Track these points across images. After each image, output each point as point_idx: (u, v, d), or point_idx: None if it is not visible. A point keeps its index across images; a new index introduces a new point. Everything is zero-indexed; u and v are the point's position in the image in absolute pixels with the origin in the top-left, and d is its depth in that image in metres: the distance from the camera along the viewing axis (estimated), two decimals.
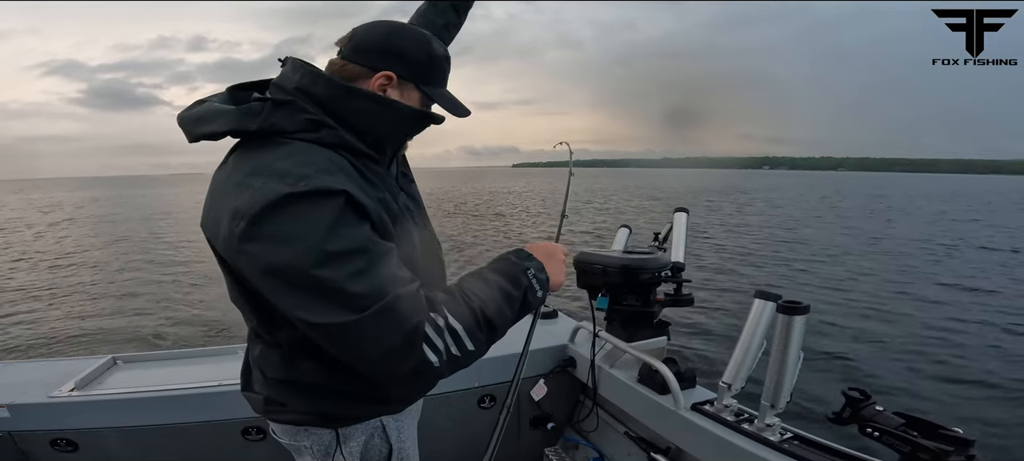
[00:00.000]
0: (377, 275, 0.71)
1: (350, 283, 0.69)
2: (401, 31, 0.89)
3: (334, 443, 0.94)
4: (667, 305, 1.76)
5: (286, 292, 0.71)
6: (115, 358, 1.99)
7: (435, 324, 0.75)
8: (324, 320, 0.70)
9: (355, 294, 0.69)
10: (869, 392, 1.15)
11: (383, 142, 0.88)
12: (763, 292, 1.38)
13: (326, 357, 0.83)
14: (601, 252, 1.79)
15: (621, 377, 1.73)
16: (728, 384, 1.40)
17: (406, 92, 0.88)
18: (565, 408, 2.05)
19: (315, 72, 0.82)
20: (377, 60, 0.86)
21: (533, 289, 0.87)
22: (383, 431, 0.98)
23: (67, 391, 1.68)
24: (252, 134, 0.78)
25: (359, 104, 0.82)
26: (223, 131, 0.78)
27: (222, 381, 1.71)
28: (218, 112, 0.79)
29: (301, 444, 0.96)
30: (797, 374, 1.24)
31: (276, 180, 0.70)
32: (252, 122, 0.78)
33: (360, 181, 0.78)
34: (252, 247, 0.70)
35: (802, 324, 1.21)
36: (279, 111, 0.79)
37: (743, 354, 1.39)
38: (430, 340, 0.74)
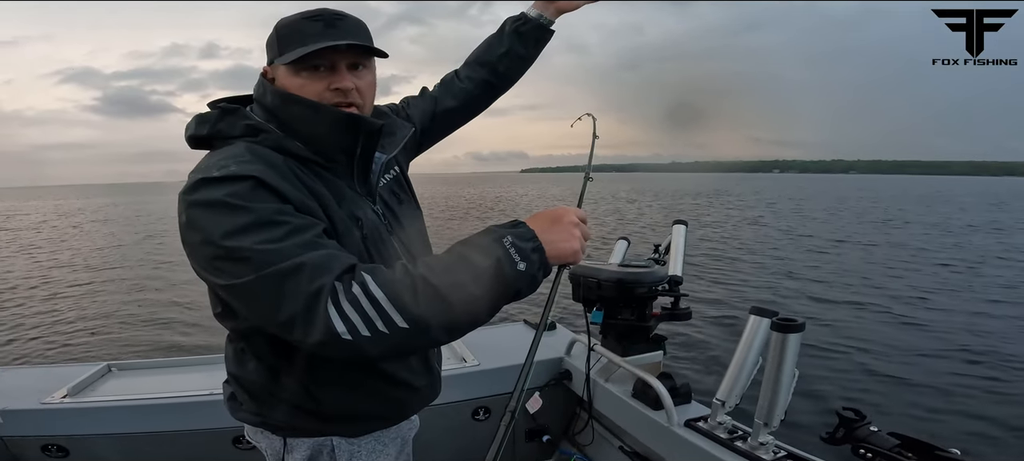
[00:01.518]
0: (285, 242, 0.70)
1: (256, 247, 0.69)
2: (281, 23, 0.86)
3: (282, 451, 0.93)
4: (663, 319, 1.75)
5: (203, 264, 0.74)
6: (110, 365, 2.00)
7: (348, 292, 0.66)
8: (228, 281, 0.71)
9: (258, 253, 0.68)
10: (863, 412, 1.14)
11: (328, 149, 0.86)
12: (759, 308, 1.37)
13: (269, 359, 0.86)
14: (596, 265, 1.78)
15: (616, 391, 1.72)
16: (722, 401, 1.39)
17: (279, 76, 0.86)
18: (561, 421, 2.03)
19: (265, 84, 0.88)
20: (268, 54, 0.89)
21: (511, 260, 0.70)
22: (331, 451, 0.92)
23: (59, 398, 1.69)
24: (204, 140, 0.86)
25: (294, 110, 0.85)
26: (187, 137, 0.87)
27: (213, 389, 1.71)
28: (193, 120, 0.88)
29: (259, 444, 0.96)
30: (792, 392, 1.23)
31: (199, 173, 0.76)
32: (203, 128, 0.86)
33: (289, 176, 0.79)
34: (183, 232, 0.75)
35: (796, 342, 1.19)
36: (224, 119, 0.85)
37: (737, 371, 1.37)
38: (340, 308, 0.66)
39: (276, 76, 0.87)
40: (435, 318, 0.68)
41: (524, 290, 0.72)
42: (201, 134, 0.85)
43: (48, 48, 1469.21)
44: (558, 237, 0.75)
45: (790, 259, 10.44)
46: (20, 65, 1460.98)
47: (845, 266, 9.76)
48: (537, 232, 0.73)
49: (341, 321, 0.66)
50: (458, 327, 0.71)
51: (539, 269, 0.73)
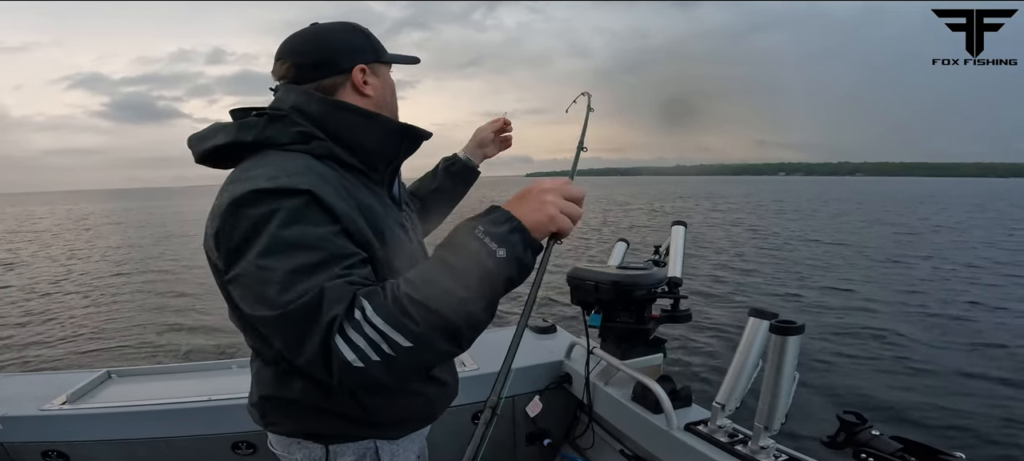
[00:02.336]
0: (318, 272, 0.68)
1: (287, 276, 0.67)
2: (330, 29, 0.91)
3: (325, 459, 0.93)
4: (663, 321, 1.73)
5: (238, 281, 0.72)
6: (110, 372, 2.01)
7: (353, 320, 0.65)
8: (255, 312, 0.69)
9: (286, 286, 0.66)
10: (865, 416, 1.12)
11: (373, 158, 0.89)
12: (758, 310, 1.35)
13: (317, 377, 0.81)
14: (594, 268, 1.77)
15: (615, 395, 1.70)
16: (722, 404, 1.37)
17: (380, 73, 0.93)
18: (561, 424, 2.02)
19: (308, 91, 0.86)
20: (339, 61, 0.89)
21: (488, 250, 0.66)
22: (375, 453, 0.95)
23: (59, 404, 1.70)
24: (248, 147, 0.83)
25: (347, 118, 0.86)
26: (223, 143, 0.84)
27: (212, 395, 1.72)
28: (219, 128, 0.86)
29: (293, 457, 0.96)
30: (792, 395, 1.21)
31: (248, 182, 0.73)
32: (248, 134, 0.83)
33: (338, 187, 0.79)
34: (219, 240, 0.73)
35: (796, 344, 1.17)
36: (273, 125, 0.83)
37: (737, 374, 1.35)
38: (348, 338, 0.64)
39: (377, 67, 0.93)
40: (434, 331, 0.65)
41: (515, 276, 0.68)
42: (244, 140, 0.83)
43: (58, 54, 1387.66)
44: (529, 208, 0.70)
45: (792, 261, 10.37)
46: (30, 71, 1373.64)
47: (847, 267, 9.68)
48: (512, 211, 0.69)
49: (351, 351, 0.64)
50: (459, 334, 0.67)
51: (525, 249, 0.68)
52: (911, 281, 8.51)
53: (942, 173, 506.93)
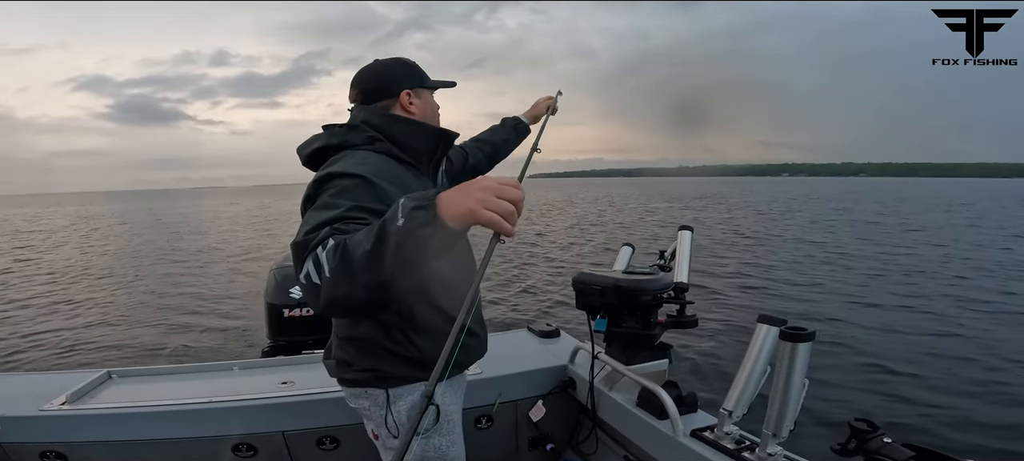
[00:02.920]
0: (332, 224, 0.91)
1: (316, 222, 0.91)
2: (386, 64, 1.28)
3: (386, 403, 1.19)
4: (669, 327, 1.72)
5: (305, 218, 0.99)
6: (110, 372, 1.99)
7: (315, 253, 0.85)
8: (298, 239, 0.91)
9: (311, 227, 0.90)
10: (877, 423, 1.10)
11: (419, 154, 1.22)
12: (766, 316, 1.34)
13: (380, 317, 1.14)
14: (600, 272, 1.76)
15: (620, 400, 1.69)
16: (729, 411, 1.35)
17: (422, 95, 1.27)
18: (565, 429, 2.00)
19: (372, 109, 1.22)
20: (391, 88, 1.24)
21: (393, 217, 0.78)
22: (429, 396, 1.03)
23: (58, 404, 1.69)
24: (334, 148, 1.15)
25: (401, 126, 1.20)
26: (319, 147, 1.17)
27: (213, 397, 1.70)
28: (316, 137, 1.19)
29: (362, 404, 1.23)
30: (801, 402, 1.19)
31: (327, 167, 1.08)
32: (334, 139, 1.17)
33: (391, 174, 1.09)
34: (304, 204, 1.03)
35: (806, 351, 1.16)
36: (350, 133, 1.17)
37: (745, 380, 1.34)
38: (308, 263, 0.84)
39: (421, 92, 1.26)
40: (340, 270, 0.80)
41: (405, 243, 0.77)
42: (331, 144, 1.15)
43: (62, 56, 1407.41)
44: (456, 197, 0.77)
45: (799, 264, 10.26)
46: (35, 73, 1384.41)
47: (858, 271, 9.53)
48: (442, 196, 0.78)
49: (305, 270, 0.84)
50: (365, 283, 0.79)
51: (421, 225, 0.76)
52: (924, 284, 8.34)
53: (946, 173, 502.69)
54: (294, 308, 2.70)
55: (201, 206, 50.19)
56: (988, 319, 6.33)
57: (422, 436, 1.20)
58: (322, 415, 1.74)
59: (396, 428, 1.20)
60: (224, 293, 8.58)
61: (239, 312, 6.93)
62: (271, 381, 1.88)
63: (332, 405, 1.73)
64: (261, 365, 2.10)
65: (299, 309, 2.70)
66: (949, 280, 8.80)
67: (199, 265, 11.87)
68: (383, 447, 1.27)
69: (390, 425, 1.20)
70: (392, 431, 1.20)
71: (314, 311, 0.98)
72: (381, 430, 1.23)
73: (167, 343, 5.96)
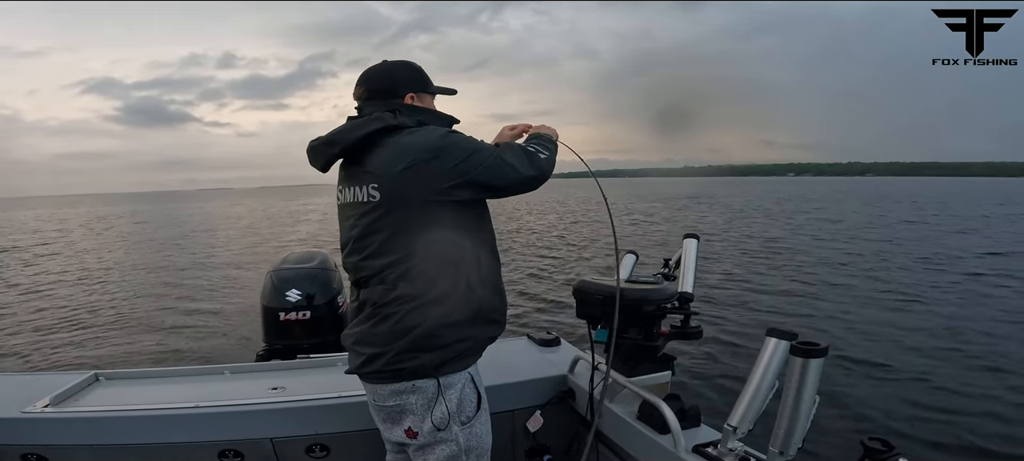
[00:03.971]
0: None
1: (496, 151, 1.26)
2: (394, 66, 1.37)
3: (437, 394, 1.22)
4: (673, 338, 1.66)
5: (483, 165, 1.22)
6: (97, 374, 1.95)
7: (536, 152, 1.34)
8: (506, 175, 1.24)
9: (491, 152, 1.25)
10: (891, 442, 1.05)
11: None
12: (776, 330, 1.28)
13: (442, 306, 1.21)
14: (602, 281, 1.71)
15: (620, 413, 1.64)
16: (733, 426, 1.29)
17: (425, 99, 1.37)
18: (563, 441, 1.95)
19: (402, 104, 1.32)
20: (397, 89, 1.34)
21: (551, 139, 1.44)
22: (471, 380, 1.29)
23: (41, 407, 1.65)
24: (392, 128, 1.24)
25: (426, 115, 1.33)
26: (379, 128, 1.22)
27: (200, 402, 1.66)
28: (370, 120, 1.24)
29: (405, 401, 1.23)
30: (811, 420, 1.14)
31: (429, 133, 1.23)
32: (394, 121, 1.24)
33: None
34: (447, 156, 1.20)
35: (818, 368, 1.10)
36: (404, 114, 1.28)
37: (752, 395, 1.28)
38: (539, 153, 1.33)
39: (423, 96, 1.36)
40: (553, 156, 1.38)
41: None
42: (388, 124, 1.23)
43: (71, 58, 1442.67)
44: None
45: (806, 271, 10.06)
46: (44, 75, 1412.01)
47: (869, 280, 9.32)
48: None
49: (545, 153, 1.33)
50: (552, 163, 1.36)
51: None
52: (942, 293, 8.05)
53: (953, 173, 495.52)
54: (290, 311, 2.65)
55: (207, 207, 50.36)
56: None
57: (466, 425, 1.26)
58: (312, 422, 1.69)
59: (444, 420, 1.23)
60: (221, 295, 8.55)
61: (235, 315, 6.88)
62: (261, 386, 1.84)
63: (323, 412, 1.68)
64: (252, 369, 2.05)
65: (295, 312, 2.66)
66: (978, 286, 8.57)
67: (198, 267, 11.86)
68: (420, 446, 1.26)
69: (437, 419, 1.22)
70: (439, 425, 1.22)
71: (543, 172, 1.30)
72: (424, 425, 1.23)
73: (161, 345, 5.92)
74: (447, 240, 1.21)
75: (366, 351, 1.23)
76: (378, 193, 1.21)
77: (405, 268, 1.19)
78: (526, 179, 1.26)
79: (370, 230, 1.23)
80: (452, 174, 1.19)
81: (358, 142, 1.23)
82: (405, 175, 1.18)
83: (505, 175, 1.24)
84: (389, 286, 1.21)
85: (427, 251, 1.19)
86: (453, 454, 1.25)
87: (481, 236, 1.31)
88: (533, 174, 1.27)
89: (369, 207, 1.22)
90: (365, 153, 1.24)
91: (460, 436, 1.25)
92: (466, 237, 1.25)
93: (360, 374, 1.28)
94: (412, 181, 1.18)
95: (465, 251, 1.24)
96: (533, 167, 1.27)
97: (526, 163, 1.26)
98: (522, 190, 1.29)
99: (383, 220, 1.21)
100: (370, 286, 1.24)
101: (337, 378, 1.97)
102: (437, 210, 1.20)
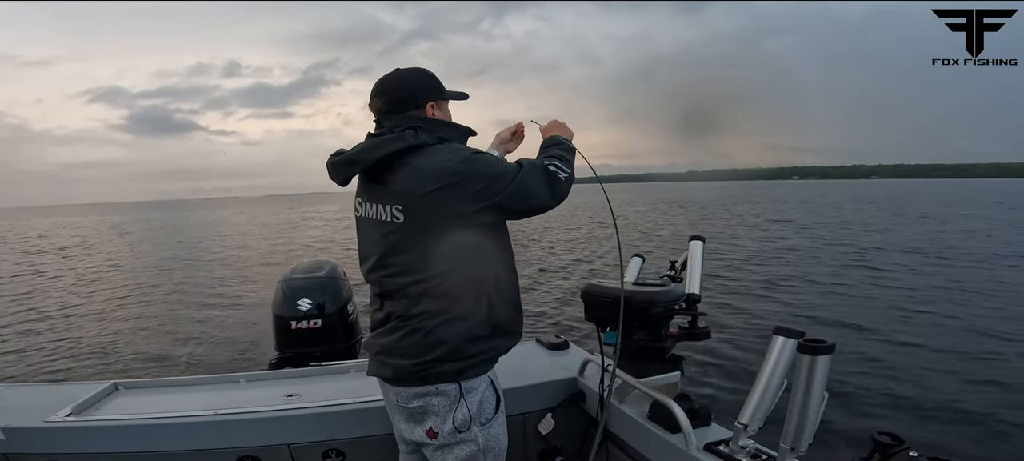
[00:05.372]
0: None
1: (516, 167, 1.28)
2: (412, 75, 1.36)
3: (459, 397, 1.25)
4: (681, 339, 1.68)
5: (507, 188, 1.22)
6: (116, 384, 1.99)
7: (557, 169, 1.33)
8: (531, 198, 1.26)
9: (515, 170, 1.26)
10: (902, 437, 1.06)
11: None
12: (783, 328, 1.30)
13: (474, 315, 1.25)
14: (609, 284, 1.73)
15: (631, 413, 1.65)
16: (744, 424, 1.31)
17: (443, 106, 1.38)
18: (574, 443, 1.97)
19: (410, 116, 1.31)
20: (418, 99, 1.33)
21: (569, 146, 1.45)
22: (492, 385, 1.33)
23: (64, 416, 1.68)
24: (414, 148, 1.24)
25: (444, 129, 1.33)
26: (401, 147, 1.22)
27: (218, 409, 1.69)
28: (390, 140, 1.23)
29: (428, 403, 1.26)
30: (821, 415, 1.16)
31: (454, 152, 1.24)
32: (416, 140, 1.24)
33: None
34: (474, 174, 1.21)
35: (826, 364, 1.12)
36: (424, 132, 1.27)
37: (761, 393, 1.30)
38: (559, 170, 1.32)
39: (441, 104, 1.37)
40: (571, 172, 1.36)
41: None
42: (410, 145, 1.23)
43: (78, 68, 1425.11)
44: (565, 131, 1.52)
45: (813, 270, 10.04)
46: (51, 85, 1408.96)
47: (878, 277, 9.29)
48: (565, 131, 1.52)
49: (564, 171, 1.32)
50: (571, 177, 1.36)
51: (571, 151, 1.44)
52: (952, 290, 8.07)
53: (959, 174, 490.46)
54: (301, 320, 2.69)
55: (215, 216, 50.47)
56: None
57: (485, 426, 1.30)
58: (328, 428, 1.72)
59: (465, 422, 1.26)
60: (233, 304, 8.61)
61: (248, 323, 6.94)
62: (277, 393, 1.86)
63: (339, 418, 1.71)
64: (267, 377, 2.08)
65: (306, 321, 2.69)
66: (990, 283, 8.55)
67: (209, 276, 11.91)
68: (439, 446, 1.29)
69: (458, 421, 1.25)
70: (460, 426, 1.26)
71: (564, 195, 1.32)
72: (445, 427, 1.26)
73: (175, 354, 5.98)
74: (469, 259, 1.24)
75: (391, 362, 1.27)
76: (402, 215, 1.23)
77: (429, 285, 1.22)
78: (547, 205, 1.28)
79: (394, 249, 1.25)
80: (476, 198, 1.21)
81: (379, 161, 1.24)
82: (430, 198, 1.19)
83: (527, 200, 1.26)
84: (413, 300, 1.24)
85: (451, 270, 1.22)
86: (472, 454, 1.28)
87: (500, 254, 1.33)
88: (552, 202, 1.29)
89: (393, 227, 1.24)
90: (387, 172, 1.25)
91: (479, 437, 1.28)
92: (487, 256, 1.28)
93: (383, 377, 1.31)
94: (437, 204, 1.20)
95: (486, 269, 1.27)
96: (553, 194, 1.28)
97: (546, 187, 1.27)
98: (541, 213, 1.31)
99: (407, 241, 1.23)
100: (394, 299, 1.27)
101: (351, 384, 2.00)
102: (460, 232, 1.22)
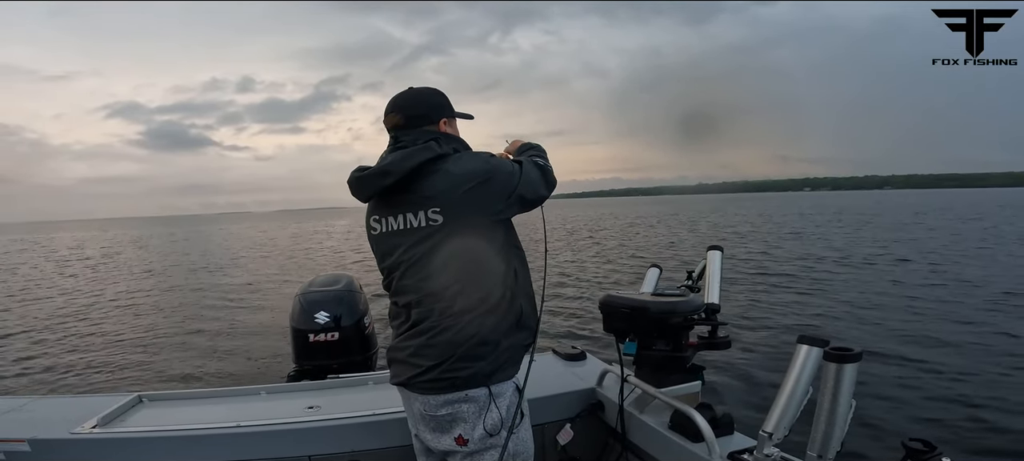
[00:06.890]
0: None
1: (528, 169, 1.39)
2: (425, 94, 1.43)
3: (489, 401, 1.29)
4: (701, 349, 1.67)
5: (523, 183, 1.34)
6: (141, 396, 2.01)
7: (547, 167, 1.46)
8: (537, 190, 1.39)
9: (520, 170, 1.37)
10: (934, 443, 1.04)
11: None
12: (807, 337, 1.29)
13: (508, 318, 1.32)
14: (628, 295, 1.73)
15: (651, 423, 1.64)
16: (769, 433, 1.29)
17: (453, 124, 1.45)
18: (593, 453, 1.95)
19: (427, 131, 1.37)
20: (432, 115, 1.40)
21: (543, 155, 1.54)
22: (518, 390, 1.36)
23: (89, 428, 1.70)
24: (440, 157, 1.31)
25: (456, 142, 1.40)
26: (430, 157, 1.29)
27: (241, 421, 1.70)
28: (419, 149, 1.30)
29: (458, 410, 1.29)
30: (849, 423, 1.14)
31: (476, 159, 1.34)
32: (438, 150, 1.31)
33: None
34: (496, 178, 1.30)
35: (853, 372, 1.10)
36: (443, 144, 1.34)
37: (786, 402, 1.28)
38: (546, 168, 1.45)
39: (452, 121, 1.44)
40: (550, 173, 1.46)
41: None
42: (438, 153, 1.30)
43: (97, 83, 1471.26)
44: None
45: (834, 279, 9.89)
46: (70, 100, 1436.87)
47: (900, 282, 9.16)
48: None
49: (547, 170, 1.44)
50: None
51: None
52: (978, 296, 7.95)
53: (971, 184, 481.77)
54: (319, 333, 2.70)
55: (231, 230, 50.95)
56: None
57: (514, 432, 1.33)
58: (349, 440, 1.73)
59: (496, 426, 1.30)
60: (251, 317, 8.69)
61: (265, 336, 6.99)
62: (298, 406, 1.88)
63: (359, 430, 1.72)
64: (288, 390, 2.10)
65: (324, 334, 2.71)
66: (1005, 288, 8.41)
67: (227, 289, 12.04)
68: (469, 453, 1.31)
69: (490, 425, 1.29)
70: (491, 430, 1.29)
71: (555, 184, 1.44)
72: (475, 432, 1.29)
73: (197, 367, 6.05)
74: (497, 255, 1.32)
75: (423, 363, 1.29)
76: (440, 216, 1.27)
77: (465, 284, 1.28)
78: (544, 195, 1.41)
79: (431, 251, 1.29)
80: (502, 192, 1.31)
81: (412, 171, 1.29)
82: (467, 197, 1.27)
83: (536, 190, 1.38)
84: (448, 302, 1.28)
85: (484, 267, 1.29)
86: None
87: (515, 250, 1.40)
88: (547, 190, 1.42)
89: (430, 230, 1.29)
90: (417, 180, 1.30)
91: (509, 443, 1.31)
92: (508, 251, 1.35)
93: (411, 385, 1.32)
94: (473, 203, 1.28)
95: (509, 263, 1.34)
96: (548, 183, 1.42)
97: (542, 178, 1.40)
98: (541, 202, 1.43)
99: (446, 241, 1.28)
100: (425, 305, 1.30)
101: (370, 396, 2.01)
102: (491, 228, 1.31)
